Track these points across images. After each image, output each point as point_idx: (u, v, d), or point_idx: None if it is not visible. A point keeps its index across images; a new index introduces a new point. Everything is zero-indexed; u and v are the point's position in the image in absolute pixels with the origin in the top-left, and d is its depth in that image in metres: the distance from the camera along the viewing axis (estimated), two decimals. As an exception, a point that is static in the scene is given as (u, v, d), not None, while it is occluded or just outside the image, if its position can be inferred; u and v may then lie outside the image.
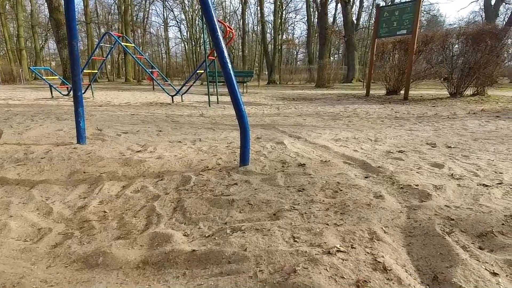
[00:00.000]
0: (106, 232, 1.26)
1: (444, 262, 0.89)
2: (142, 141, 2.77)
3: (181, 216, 1.32)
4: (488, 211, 1.24)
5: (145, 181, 1.73)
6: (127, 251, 1.10)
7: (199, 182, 1.71)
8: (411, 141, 2.73)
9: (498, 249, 1.01)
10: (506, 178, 1.67)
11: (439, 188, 1.47)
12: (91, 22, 25.32)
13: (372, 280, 0.80)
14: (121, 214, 1.40)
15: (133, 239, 1.16)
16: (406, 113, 4.86)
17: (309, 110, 5.52)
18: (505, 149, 2.39)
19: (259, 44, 30.98)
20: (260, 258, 0.95)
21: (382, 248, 0.95)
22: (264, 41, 22.98)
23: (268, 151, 2.39)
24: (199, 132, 3.28)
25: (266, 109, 5.86)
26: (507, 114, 4.50)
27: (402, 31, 6.89)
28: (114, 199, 1.55)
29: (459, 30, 6.93)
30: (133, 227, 1.27)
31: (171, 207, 1.41)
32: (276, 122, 4.10)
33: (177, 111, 5.29)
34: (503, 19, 22.25)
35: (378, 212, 1.22)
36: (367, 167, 1.90)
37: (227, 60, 1.70)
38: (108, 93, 9.88)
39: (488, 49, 6.28)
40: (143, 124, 3.80)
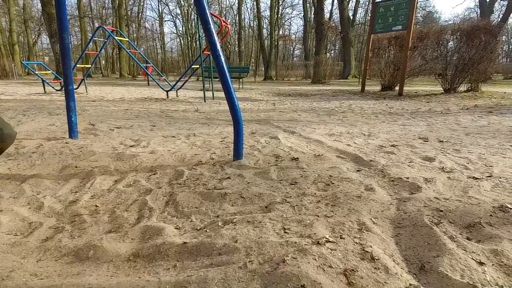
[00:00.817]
0: (97, 226, 1.26)
1: (431, 252, 0.91)
2: (136, 136, 2.75)
3: (173, 210, 1.32)
4: (477, 203, 1.25)
5: (137, 176, 1.72)
6: (118, 244, 1.10)
7: (192, 176, 1.70)
8: (404, 135, 2.75)
9: (485, 240, 1.03)
10: (496, 171, 1.70)
11: (429, 181, 1.49)
12: (84, 16, 24.91)
13: (360, 269, 0.81)
14: (112, 208, 1.40)
15: (124, 232, 1.16)
16: (400, 109, 4.88)
17: (304, 106, 5.52)
18: (496, 143, 2.42)
19: (255, 39, 30.81)
20: (250, 249, 0.96)
21: (371, 239, 0.96)
22: (260, 37, 22.85)
23: (262, 146, 2.40)
24: (193, 127, 3.26)
25: (261, 104, 5.85)
26: (500, 110, 4.55)
27: (398, 27, 6.90)
28: (106, 193, 1.54)
29: (454, 26, 6.96)
30: (125, 221, 1.27)
31: (163, 201, 1.41)
32: (271, 118, 4.10)
33: (171, 107, 5.26)
34: (498, 16, 22.41)
35: (368, 204, 1.24)
36: (360, 160, 1.91)
37: (220, 53, 1.68)
38: (102, 89, 9.77)
39: (482, 45, 6.32)
40: (137, 119, 3.77)
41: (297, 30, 48.73)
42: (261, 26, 22.53)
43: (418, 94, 7.10)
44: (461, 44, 6.59)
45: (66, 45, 2.48)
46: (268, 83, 15.97)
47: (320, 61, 14.02)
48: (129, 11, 28.09)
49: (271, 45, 22.14)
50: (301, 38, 32.56)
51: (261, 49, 22.61)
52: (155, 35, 36.79)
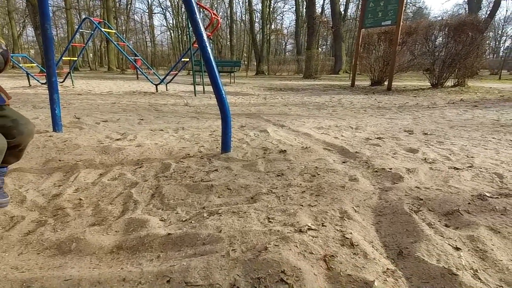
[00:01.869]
0: (80, 219, 1.24)
1: (409, 238, 0.94)
2: (122, 129, 2.71)
3: (158, 202, 1.32)
4: (456, 192, 1.29)
5: (123, 169, 1.70)
6: (101, 236, 1.09)
7: (179, 169, 1.69)
8: (390, 128, 2.80)
9: (463, 226, 1.06)
10: (476, 162, 1.75)
11: (411, 171, 1.53)
12: (71, 8, 24.09)
13: (339, 255, 0.83)
14: (97, 201, 1.38)
15: (108, 225, 1.15)
16: (388, 103, 4.96)
17: (295, 100, 5.54)
18: (479, 136, 2.49)
19: (247, 33, 30.54)
20: (234, 238, 0.97)
21: (352, 226, 0.98)
22: (252, 31, 22.66)
23: (251, 139, 2.40)
24: (182, 121, 3.23)
25: (252, 99, 5.84)
26: (485, 104, 4.68)
27: (387, 22, 6.95)
28: (90, 186, 1.52)
29: (442, 21, 7.06)
30: (109, 214, 1.26)
31: (149, 194, 1.40)
32: (261, 112, 4.09)
33: (161, 100, 5.19)
34: (486, 12, 22.82)
35: (352, 193, 1.26)
36: (346, 152, 1.94)
37: (206, 44, 1.66)
38: (89, 82, 9.54)
39: (469, 41, 6.44)
40: (124, 113, 3.71)
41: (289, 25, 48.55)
42: (253, 20, 22.33)
43: (406, 89, 7.22)
44: (448, 39, 6.70)
45: (49, 35, 2.40)
46: (260, 78, 15.91)
47: (312, 56, 14.03)
48: (117, 3, 27.33)
49: (263, 40, 22.00)
50: (293, 33, 32.46)
51: (253, 44, 22.43)
52: (145, 28, 36.01)
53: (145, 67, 14.08)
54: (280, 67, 21.42)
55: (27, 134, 1.21)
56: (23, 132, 1.18)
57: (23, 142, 1.22)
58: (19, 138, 1.18)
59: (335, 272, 0.78)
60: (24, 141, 1.21)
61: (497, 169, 1.64)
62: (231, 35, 26.72)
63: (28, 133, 1.21)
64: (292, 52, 37.70)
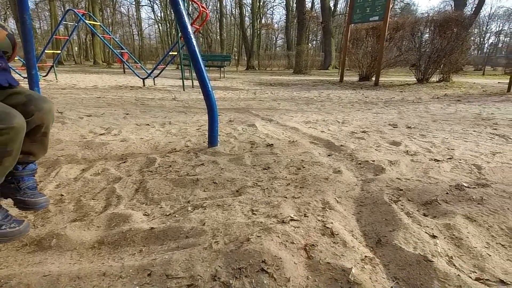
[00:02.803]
0: (61, 215, 1.22)
1: (388, 227, 0.96)
2: (107, 124, 2.65)
3: (142, 197, 1.30)
4: (435, 182, 1.34)
5: (106, 164, 1.67)
6: (83, 232, 1.07)
7: (164, 163, 1.68)
8: (376, 122, 2.85)
9: (440, 215, 1.10)
10: (456, 154, 1.81)
11: (393, 163, 1.56)
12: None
13: (320, 244, 0.85)
14: (78, 197, 1.35)
15: (89, 220, 1.14)
16: (375, 98, 5.03)
17: (284, 95, 5.55)
18: (461, 129, 2.56)
19: (237, 28, 30.23)
20: (217, 231, 0.97)
21: (333, 216, 1.00)
22: (242, 25, 22.44)
23: (239, 133, 2.39)
24: (169, 116, 3.19)
25: (242, 94, 5.81)
26: (468, 99, 4.81)
27: (375, 17, 7.01)
28: (72, 182, 1.49)
29: (428, 17, 7.18)
30: (91, 209, 1.24)
31: (133, 189, 1.38)
32: (250, 106, 4.08)
33: (148, 95, 5.09)
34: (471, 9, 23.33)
35: (335, 185, 1.28)
36: (331, 146, 1.97)
37: (191, 36, 1.64)
38: (74, 76, 9.25)
39: (454, 37, 6.59)
40: (109, 107, 3.63)
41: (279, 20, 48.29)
42: (243, 14, 22.09)
43: (393, 84, 7.34)
44: (434, 35, 6.83)
45: (28, 27, 2.30)
46: (250, 73, 15.83)
47: (302, 51, 14.04)
48: (102, -5, 26.46)
49: (253, 34, 21.83)
50: (283, 28, 32.34)
51: (243, 38, 22.24)
52: (132, 20, 35.10)
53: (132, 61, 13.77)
54: (271, 62, 21.35)
55: (47, 110, 1.04)
56: (41, 108, 1.02)
57: (44, 121, 1.04)
58: (38, 115, 1.01)
59: (315, 260, 0.79)
60: (45, 119, 1.04)
61: (476, 160, 1.70)
62: (221, 29, 26.38)
63: (48, 109, 1.04)
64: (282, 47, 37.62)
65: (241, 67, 21.73)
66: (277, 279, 0.72)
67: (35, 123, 1.02)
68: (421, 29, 7.13)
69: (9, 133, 0.83)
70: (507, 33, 40.21)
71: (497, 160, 1.72)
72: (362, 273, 0.75)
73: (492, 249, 0.92)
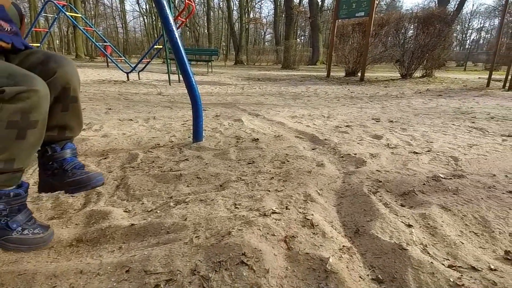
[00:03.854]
0: (39, 213, 1.18)
1: (366, 217, 0.99)
2: (87, 119, 2.58)
3: (123, 193, 1.28)
4: (413, 174, 1.38)
5: (86, 160, 1.62)
6: (60, 230, 1.05)
7: (147, 159, 1.65)
8: (359, 117, 2.90)
9: (417, 206, 1.14)
10: (435, 146, 1.87)
11: (374, 156, 1.60)
12: (31, -11, 22.07)
13: (299, 235, 0.86)
14: (57, 194, 1.31)
15: (68, 218, 1.11)
16: (360, 93, 5.12)
17: (272, 90, 5.55)
18: (440, 123, 2.65)
19: (225, 22, 29.83)
20: (199, 226, 0.97)
21: (314, 208, 1.02)
22: (230, 19, 22.17)
23: (225, 128, 2.38)
24: (154, 110, 3.13)
25: (230, 88, 5.77)
26: (449, 93, 4.97)
27: (360, 13, 7.08)
28: (50, 179, 1.44)
29: (412, 14, 7.32)
30: (69, 207, 1.21)
31: (114, 185, 1.35)
32: (238, 101, 4.06)
33: (132, 89, 4.98)
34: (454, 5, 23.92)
35: (317, 178, 1.30)
36: (316, 140, 1.99)
37: (173, 28, 1.60)
38: (55, 71, 8.89)
39: (436, 33, 6.75)
40: (91, 102, 3.52)
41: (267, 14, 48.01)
42: (231, 8, 21.79)
43: (378, 80, 7.48)
44: (417, 31, 6.98)
45: None
46: (238, 68, 15.71)
47: (290, 46, 14.05)
48: (83, -15, 25.45)
49: (241, 28, 21.62)
50: (272, 22, 32.19)
51: (231, 32, 22.00)
52: (116, 13, 33.99)
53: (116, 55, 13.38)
54: (259, 57, 21.25)
55: (70, 67, 0.88)
56: (63, 63, 0.85)
57: (69, 81, 0.87)
58: (61, 72, 0.85)
59: (294, 251, 0.80)
60: (70, 78, 0.87)
61: (453, 152, 1.76)
62: (208, 23, 25.98)
63: (71, 66, 0.88)
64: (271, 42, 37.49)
65: (230, 61, 21.52)
66: (256, 271, 0.73)
67: (60, 84, 0.86)
68: (405, 25, 7.26)
69: (30, 97, 0.69)
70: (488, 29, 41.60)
71: (474, 152, 1.79)
72: (339, 262, 0.76)
73: (465, 237, 0.96)
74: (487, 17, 40.79)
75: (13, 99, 0.67)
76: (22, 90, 0.68)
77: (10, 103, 0.67)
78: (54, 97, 0.86)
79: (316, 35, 18.57)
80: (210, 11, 26.26)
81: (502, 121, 2.74)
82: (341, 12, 7.54)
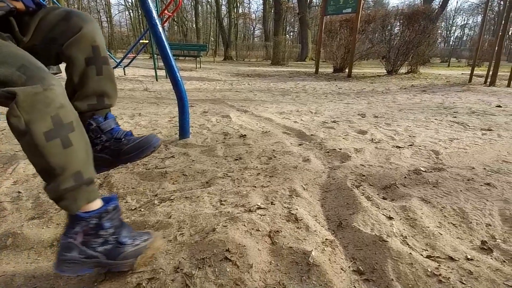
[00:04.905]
0: (19, 213, 1.15)
1: (349, 210, 1.01)
2: (70, 116, 2.50)
3: (106, 192, 1.26)
4: (395, 168, 1.41)
5: (69, 158, 1.58)
6: (41, 230, 1.02)
7: (132, 156, 1.62)
8: (346, 112, 2.94)
9: (398, 198, 1.17)
10: (417, 141, 1.92)
11: (359, 151, 1.63)
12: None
13: (284, 230, 0.87)
14: (37, 193, 1.28)
15: (48, 218, 1.08)
16: (348, 89, 5.18)
17: (261, 86, 5.54)
18: (423, 118, 2.72)
19: (214, 16, 29.43)
20: (183, 223, 0.96)
21: (299, 203, 1.03)
22: (218, 14, 21.89)
23: (212, 124, 2.37)
24: (140, 107, 3.07)
25: (219, 84, 5.72)
26: (432, 89, 5.10)
27: (348, 10, 7.14)
28: (30, 178, 1.40)
29: (397, 10, 7.44)
30: (50, 206, 1.18)
31: (96, 184, 1.33)
32: (226, 97, 4.04)
33: (117, 85, 4.86)
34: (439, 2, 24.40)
35: (303, 173, 1.32)
36: (303, 135, 2.01)
37: (156, 22, 1.57)
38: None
39: (421, 30, 6.90)
40: (75, 99, 3.42)
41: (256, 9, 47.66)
42: (219, 3, 21.50)
43: (365, 76, 7.59)
44: (403, 28, 7.10)
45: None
46: (228, 63, 15.59)
47: (279, 42, 14.03)
48: (65, -23, 24.48)
49: (230, 24, 21.40)
50: (261, 18, 32.00)
51: (220, 27, 21.74)
52: (100, 6, 32.94)
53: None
54: (249, 52, 21.13)
55: (95, 26, 0.78)
56: (87, 19, 0.76)
57: (96, 38, 0.77)
58: (87, 29, 0.75)
59: (278, 246, 0.81)
60: (96, 36, 0.78)
61: (434, 146, 1.81)
62: (196, 18, 25.56)
63: (96, 25, 0.78)
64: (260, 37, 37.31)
65: (219, 57, 21.31)
66: (239, 266, 0.73)
67: (89, 42, 0.76)
68: (391, 22, 7.38)
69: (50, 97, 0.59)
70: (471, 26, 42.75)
71: (454, 146, 1.85)
72: (321, 255, 0.78)
73: (444, 228, 1.00)
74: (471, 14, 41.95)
75: (32, 105, 0.57)
76: (38, 91, 0.58)
77: (32, 111, 0.57)
78: (85, 59, 0.77)
79: (305, 31, 18.60)
80: (198, 5, 25.82)
81: (482, 115, 2.84)
82: (328, 8, 7.58)
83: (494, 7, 29.13)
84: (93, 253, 0.67)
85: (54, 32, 0.75)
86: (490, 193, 1.20)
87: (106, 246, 0.68)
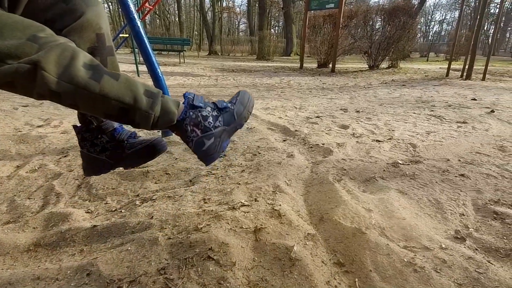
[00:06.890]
0: (-9, 217, 1.09)
1: (330, 204, 1.03)
2: (46, 114, 2.39)
3: (85, 193, 1.22)
4: (375, 161, 1.46)
5: (45, 159, 1.52)
6: (17, 235, 0.98)
7: (113, 155, 1.58)
8: (329, 108, 2.99)
9: (377, 191, 1.21)
10: (396, 134, 1.99)
11: (341, 145, 1.67)
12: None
13: (267, 226, 0.88)
14: (12, 196, 1.22)
15: (24, 222, 1.04)
16: (331, 84, 5.26)
17: (246, 82, 5.51)
18: (402, 112, 2.81)
19: (197, 10, 28.80)
20: (165, 223, 0.95)
21: (282, 199, 1.05)
22: (202, 7, 21.45)
23: (196, 121, 2.34)
24: (121, 105, 2.98)
25: (203, 80, 5.64)
26: (412, 83, 5.26)
27: (330, 5, 7.20)
28: (4, 181, 1.33)
29: (378, 6, 7.57)
30: (26, 209, 1.13)
31: (75, 185, 1.28)
32: (211, 93, 3.99)
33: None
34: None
35: (287, 169, 1.33)
36: (287, 131, 2.02)
37: (134, 15, 1.52)
38: (8, 62, 8.09)
39: (401, 25, 7.07)
40: (51, 97, 3.26)
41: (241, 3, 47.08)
42: (202, -4, 21.08)
43: (348, 71, 7.71)
44: (384, 23, 7.25)
45: None
46: (212, 58, 15.36)
47: (264, 37, 13.96)
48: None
49: (214, 17, 21.03)
50: (245, 12, 31.65)
51: (203, 21, 21.32)
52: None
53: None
54: (234, 47, 20.90)
55: (100, 10, 0.69)
56: (90, 2, 0.66)
57: (101, 24, 0.68)
58: (91, 14, 0.66)
59: (261, 242, 0.82)
60: (101, 23, 0.68)
61: (412, 140, 1.88)
62: (179, 11, 24.92)
63: (101, 9, 0.69)
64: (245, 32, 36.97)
65: (203, 52, 20.96)
66: (222, 265, 0.74)
67: (92, 29, 0.67)
68: (372, 17, 7.51)
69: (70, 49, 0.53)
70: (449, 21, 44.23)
71: (431, 138, 1.93)
72: (303, 250, 0.80)
73: (420, 219, 1.04)
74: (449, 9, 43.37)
75: (59, 64, 0.51)
76: (57, 51, 0.51)
77: (65, 68, 0.51)
78: (88, 49, 0.68)
79: (289, 26, 18.60)
80: (181, -1, 25.17)
81: (458, 108, 2.96)
82: (312, 3, 7.60)
83: (471, 2, 30.27)
84: (217, 129, 0.72)
85: (50, 13, 0.64)
86: (464, 184, 1.26)
87: (219, 119, 0.73)
